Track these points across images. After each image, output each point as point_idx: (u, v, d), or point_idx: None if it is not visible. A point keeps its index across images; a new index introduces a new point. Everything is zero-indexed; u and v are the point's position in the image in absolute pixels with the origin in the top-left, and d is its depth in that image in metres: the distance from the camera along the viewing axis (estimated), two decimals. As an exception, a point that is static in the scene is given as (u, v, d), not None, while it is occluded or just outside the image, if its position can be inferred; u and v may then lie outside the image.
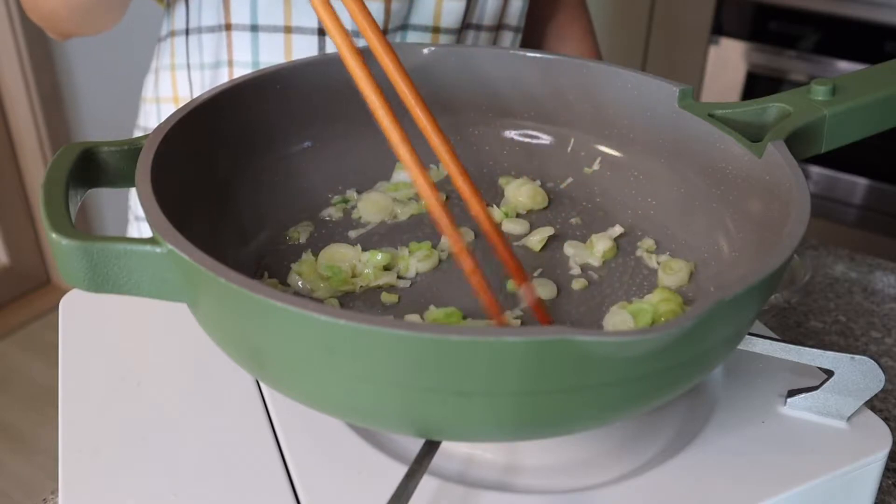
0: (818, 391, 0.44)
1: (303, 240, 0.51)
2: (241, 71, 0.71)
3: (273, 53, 0.69)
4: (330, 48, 0.68)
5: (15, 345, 2.01)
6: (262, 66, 0.68)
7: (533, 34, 0.91)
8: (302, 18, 0.68)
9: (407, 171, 0.42)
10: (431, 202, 0.41)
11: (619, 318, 0.44)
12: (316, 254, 0.49)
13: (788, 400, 0.45)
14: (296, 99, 0.53)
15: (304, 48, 0.69)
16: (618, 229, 0.51)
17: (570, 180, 0.56)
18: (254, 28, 0.69)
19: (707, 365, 0.38)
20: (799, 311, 0.74)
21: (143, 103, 0.81)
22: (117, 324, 0.52)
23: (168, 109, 0.77)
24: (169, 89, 0.77)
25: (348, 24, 0.68)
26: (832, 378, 0.43)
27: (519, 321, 0.44)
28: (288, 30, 0.68)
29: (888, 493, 0.55)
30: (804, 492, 0.41)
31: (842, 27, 1.63)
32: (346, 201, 0.54)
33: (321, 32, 0.68)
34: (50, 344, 1.95)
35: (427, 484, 0.40)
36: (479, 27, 0.76)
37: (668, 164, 0.53)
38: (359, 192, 0.55)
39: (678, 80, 0.51)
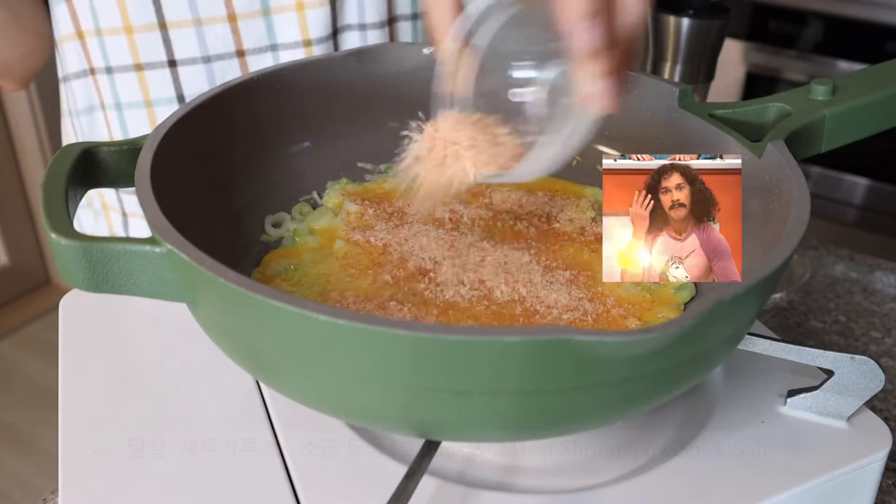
0: (818, 391, 0.44)
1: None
2: (112, 114, 0.68)
3: (131, 93, 0.67)
4: (185, 77, 0.66)
5: (15, 345, 2.01)
6: (123, 107, 0.67)
7: None
8: (149, 54, 0.65)
9: None
10: None
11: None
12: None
13: (788, 400, 0.45)
14: (296, 99, 0.53)
15: (158, 82, 0.66)
16: None
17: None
18: (108, 70, 0.66)
19: (707, 365, 0.38)
20: (799, 311, 0.74)
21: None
22: (117, 324, 0.52)
23: None
24: (64, 136, 0.76)
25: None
26: (832, 378, 0.43)
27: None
28: (139, 67, 0.66)
29: (888, 493, 0.55)
30: (804, 492, 0.41)
31: (842, 27, 1.62)
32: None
33: (171, 64, 0.65)
34: (50, 344, 1.95)
35: (427, 484, 0.40)
36: (413, 16, 0.71)
37: (668, 164, 0.53)
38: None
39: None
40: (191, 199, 0.44)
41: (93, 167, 0.43)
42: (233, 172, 0.50)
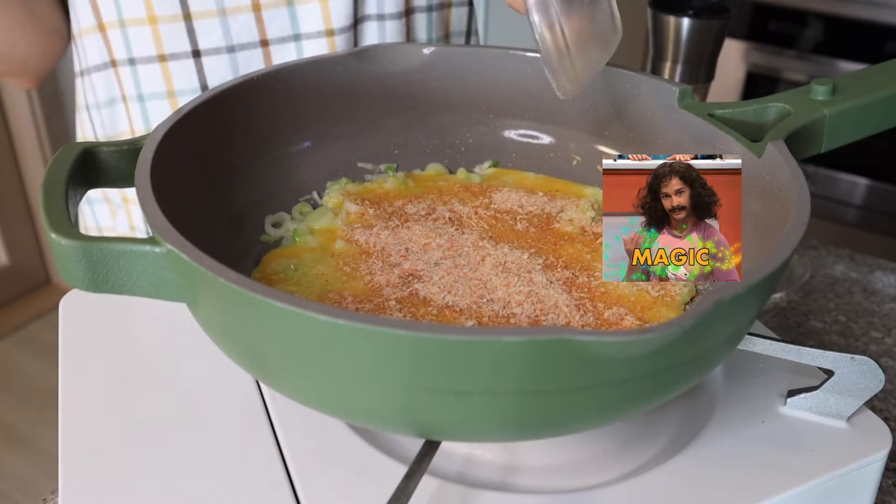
0: (818, 391, 0.44)
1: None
2: (134, 105, 0.69)
3: (154, 84, 0.67)
4: (209, 67, 0.66)
5: (15, 345, 2.02)
6: (146, 99, 0.67)
7: None
8: (173, 45, 0.66)
9: None
10: None
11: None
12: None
13: (788, 400, 0.45)
14: (296, 99, 0.53)
15: (182, 73, 0.67)
16: None
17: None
18: (131, 61, 0.67)
19: (707, 365, 0.38)
20: (799, 311, 0.74)
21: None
22: (117, 324, 0.52)
23: None
24: (80, 130, 0.77)
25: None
26: (832, 378, 0.43)
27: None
28: (162, 58, 0.66)
29: (888, 493, 0.55)
30: (804, 492, 0.41)
31: (842, 27, 1.63)
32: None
33: (196, 55, 0.66)
34: (50, 344, 1.95)
35: (427, 484, 0.40)
36: (428, 8, 0.73)
37: (668, 164, 0.53)
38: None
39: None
40: (191, 199, 0.44)
41: (93, 167, 0.43)
42: (233, 172, 0.50)
